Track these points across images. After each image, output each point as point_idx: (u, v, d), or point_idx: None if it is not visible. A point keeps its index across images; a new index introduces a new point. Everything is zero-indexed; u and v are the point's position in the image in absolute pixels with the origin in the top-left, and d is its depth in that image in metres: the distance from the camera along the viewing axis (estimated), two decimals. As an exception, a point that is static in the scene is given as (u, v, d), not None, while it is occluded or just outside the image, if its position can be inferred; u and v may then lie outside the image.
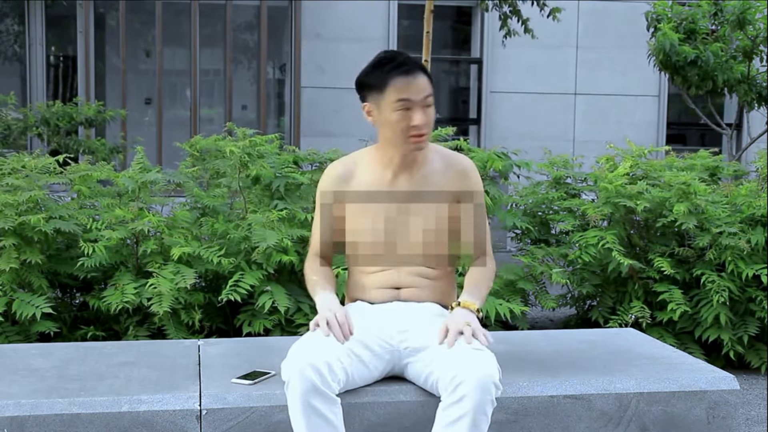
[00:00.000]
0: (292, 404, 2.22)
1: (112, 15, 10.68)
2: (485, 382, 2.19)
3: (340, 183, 2.58)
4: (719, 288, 4.47)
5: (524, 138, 10.46)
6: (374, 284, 2.58)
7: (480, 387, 2.18)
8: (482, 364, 2.22)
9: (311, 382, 2.18)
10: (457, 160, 2.61)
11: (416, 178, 2.55)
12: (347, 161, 2.64)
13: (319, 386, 2.18)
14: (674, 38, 7.33)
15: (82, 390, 2.40)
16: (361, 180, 2.57)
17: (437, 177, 2.56)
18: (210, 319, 4.33)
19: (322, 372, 2.19)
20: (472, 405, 2.18)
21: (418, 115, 2.44)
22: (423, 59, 6.38)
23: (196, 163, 5.09)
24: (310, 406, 2.19)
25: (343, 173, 2.59)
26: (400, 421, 2.41)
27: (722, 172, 5.52)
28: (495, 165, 4.85)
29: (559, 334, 3.21)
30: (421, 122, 2.44)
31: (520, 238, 5.16)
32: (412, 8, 10.41)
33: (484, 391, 2.19)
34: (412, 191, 2.54)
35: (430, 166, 2.57)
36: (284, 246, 4.21)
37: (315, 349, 2.24)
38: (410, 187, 2.55)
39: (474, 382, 2.18)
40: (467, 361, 2.23)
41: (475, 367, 2.20)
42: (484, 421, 2.21)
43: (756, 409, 4.09)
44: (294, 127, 10.25)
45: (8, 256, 4.04)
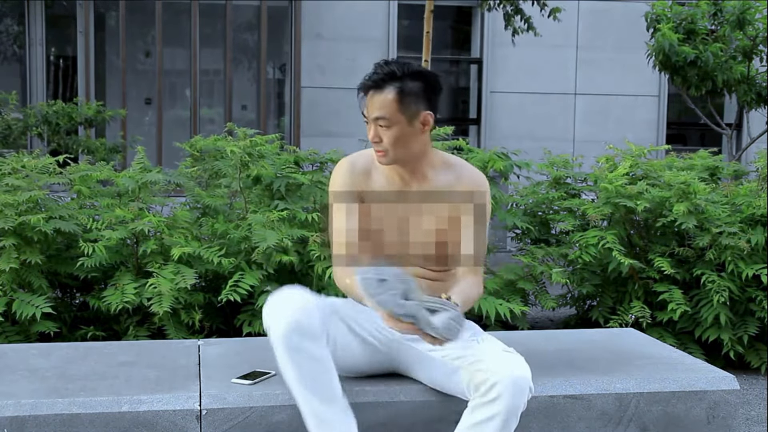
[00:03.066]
0: (278, 354, 2.23)
1: (112, 15, 10.68)
2: (521, 383, 2.20)
3: (361, 177, 2.55)
4: (719, 288, 4.47)
5: (524, 138, 10.45)
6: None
7: (516, 388, 2.19)
8: (517, 366, 2.22)
9: (294, 319, 2.20)
10: (469, 173, 2.58)
11: (425, 188, 2.54)
12: (364, 158, 2.59)
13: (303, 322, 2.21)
14: (673, 38, 7.33)
15: (82, 390, 2.40)
16: (378, 181, 2.56)
17: (447, 189, 2.54)
18: (210, 319, 4.33)
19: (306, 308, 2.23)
20: (506, 405, 2.18)
21: (371, 131, 2.45)
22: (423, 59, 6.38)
23: (196, 163, 5.08)
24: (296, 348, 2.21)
25: (364, 167, 2.56)
26: (400, 421, 2.41)
27: (722, 172, 5.52)
28: (495, 165, 4.85)
29: (559, 334, 3.21)
30: (370, 138, 2.45)
31: (520, 238, 5.16)
32: (412, 8, 10.41)
33: (520, 392, 2.19)
34: (420, 191, 2.53)
35: (442, 178, 2.55)
36: (284, 246, 4.21)
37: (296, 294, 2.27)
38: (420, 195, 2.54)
39: (509, 383, 2.18)
40: (502, 362, 2.23)
41: (511, 368, 2.21)
42: (514, 423, 2.22)
43: (756, 409, 4.09)
44: (294, 127, 10.24)
45: (8, 256, 4.04)
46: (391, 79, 2.42)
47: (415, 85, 2.44)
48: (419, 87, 2.44)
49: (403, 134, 2.44)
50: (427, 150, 2.54)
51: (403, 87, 2.42)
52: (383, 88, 2.42)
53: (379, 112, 2.42)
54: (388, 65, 2.45)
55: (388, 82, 2.42)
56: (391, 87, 2.42)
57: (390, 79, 2.42)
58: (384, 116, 2.42)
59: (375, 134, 2.45)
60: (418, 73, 2.46)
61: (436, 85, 2.49)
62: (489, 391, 2.20)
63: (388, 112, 2.42)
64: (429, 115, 2.47)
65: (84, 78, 9.96)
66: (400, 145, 2.45)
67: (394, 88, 2.42)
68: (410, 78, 2.43)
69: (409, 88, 2.43)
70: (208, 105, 10.98)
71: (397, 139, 2.44)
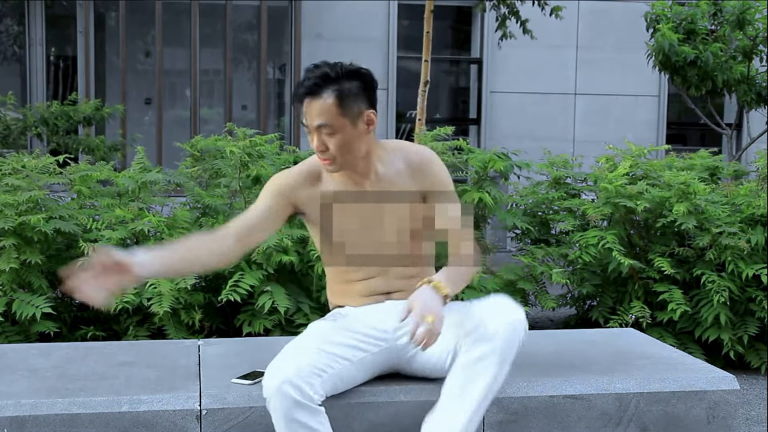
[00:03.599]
0: (276, 421, 2.21)
1: (112, 15, 10.68)
2: (514, 323, 2.23)
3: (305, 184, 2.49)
4: (719, 288, 4.47)
5: (524, 138, 10.45)
6: (363, 293, 2.52)
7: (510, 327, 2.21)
8: (510, 309, 2.25)
9: (292, 398, 2.16)
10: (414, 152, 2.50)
11: (381, 183, 2.46)
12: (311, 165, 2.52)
13: (301, 400, 2.17)
14: (673, 38, 7.33)
15: (82, 390, 2.40)
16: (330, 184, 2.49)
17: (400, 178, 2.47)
18: (210, 319, 4.33)
19: (301, 386, 2.17)
20: (501, 343, 2.19)
21: (314, 140, 2.35)
22: (423, 59, 6.38)
23: (196, 163, 5.08)
24: (295, 421, 2.18)
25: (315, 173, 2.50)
26: (400, 421, 2.41)
27: (722, 172, 5.52)
28: (495, 165, 4.85)
29: (559, 334, 3.21)
30: (315, 148, 2.35)
31: (520, 238, 5.15)
32: (412, 8, 10.41)
33: (514, 330, 2.21)
34: (380, 191, 2.46)
35: (393, 168, 2.48)
36: (284, 246, 4.21)
37: (291, 365, 2.20)
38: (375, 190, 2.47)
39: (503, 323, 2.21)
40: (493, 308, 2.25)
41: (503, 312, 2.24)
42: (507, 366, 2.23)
43: (756, 409, 4.09)
44: (294, 127, 10.24)
45: (8, 256, 4.04)
46: (326, 83, 2.31)
47: (353, 84, 2.34)
48: (357, 86, 2.34)
49: (349, 138, 2.34)
50: (373, 149, 2.44)
51: (341, 89, 2.31)
52: (320, 94, 2.30)
53: (321, 119, 2.31)
54: (318, 68, 2.34)
55: (323, 86, 2.30)
56: (329, 91, 2.30)
57: (325, 83, 2.31)
58: (327, 123, 2.31)
59: (320, 143, 2.34)
60: (353, 72, 2.35)
61: (373, 81, 2.39)
62: (483, 331, 2.21)
63: (330, 117, 2.31)
64: (372, 113, 2.37)
65: (84, 78, 9.96)
66: (347, 150, 2.35)
67: (332, 91, 2.30)
68: (346, 78, 2.33)
69: (347, 90, 2.32)
70: (208, 105, 10.98)
71: (344, 144, 2.34)
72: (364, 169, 2.45)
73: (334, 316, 2.53)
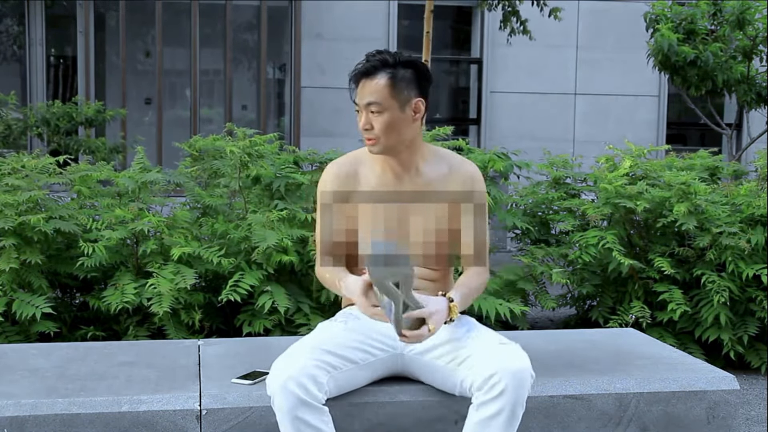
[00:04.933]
0: (280, 419, 2.21)
1: (112, 15, 10.68)
2: (522, 375, 2.22)
3: (344, 179, 2.55)
4: (719, 288, 4.47)
5: (524, 138, 10.45)
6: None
7: (517, 380, 2.21)
8: (515, 357, 2.24)
9: (296, 395, 2.17)
10: (461, 164, 2.59)
11: (418, 182, 2.53)
12: (350, 160, 2.60)
13: (305, 398, 2.18)
14: (673, 38, 7.33)
15: (82, 390, 2.40)
16: (364, 178, 2.55)
17: (441, 181, 2.54)
18: (210, 319, 4.33)
19: (305, 384, 2.18)
20: (511, 399, 2.20)
21: (362, 118, 2.46)
22: (423, 59, 6.38)
23: (196, 163, 5.08)
24: (298, 419, 2.19)
25: (347, 170, 2.57)
26: (400, 421, 2.41)
27: (722, 172, 5.52)
28: (495, 165, 4.85)
29: (559, 334, 3.21)
30: (361, 126, 2.46)
31: (520, 238, 5.16)
32: (412, 8, 10.41)
33: (522, 383, 2.22)
34: (415, 191, 2.52)
35: (434, 168, 2.55)
36: (284, 246, 4.21)
37: (298, 361, 2.22)
38: (413, 188, 2.53)
39: (511, 377, 2.20)
40: (500, 357, 2.25)
41: (510, 362, 2.23)
42: (520, 412, 2.24)
43: (756, 409, 4.09)
44: (294, 127, 10.24)
45: (8, 256, 4.04)
46: (383, 66, 2.44)
47: (407, 72, 2.46)
48: (411, 74, 2.46)
49: (395, 120, 2.45)
50: (418, 141, 2.54)
51: (395, 73, 2.44)
52: (375, 75, 2.44)
53: (371, 98, 2.43)
54: (380, 54, 2.47)
55: (380, 69, 2.44)
56: (383, 73, 2.44)
57: (382, 66, 2.44)
58: (376, 101, 2.43)
59: (366, 121, 2.45)
60: (410, 61, 2.48)
61: (428, 73, 2.51)
62: (492, 388, 2.21)
63: (380, 97, 2.43)
64: (420, 101, 2.47)
65: (84, 78, 9.96)
66: (391, 132, 2.45)
67: (386, 74, 2.43)
68: (402, 66, 2.46)
69: (401, 75, 2.44)
70: (208, 105, 10.98)
71: (389, 125, 2.44)
72: (406, 161, 2.53)
73: (345, 317, 2.54)
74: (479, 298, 4.41)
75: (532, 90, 10.86)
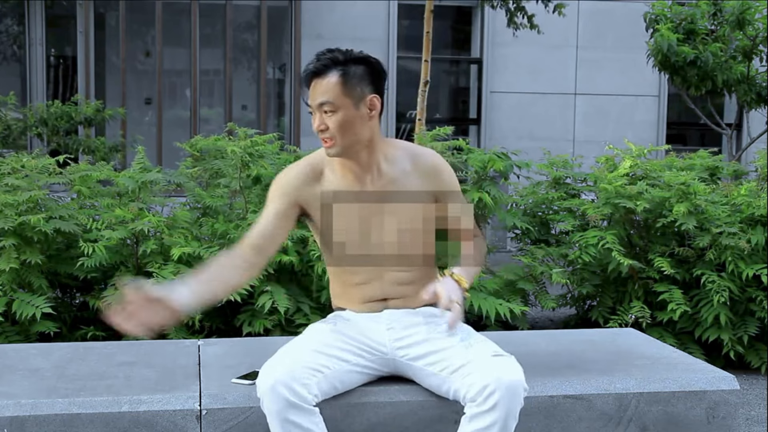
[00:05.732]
0: (270, 421, 2.21)
1: (112, 15, 10.68)
2: (515, 387, 2.19)
3: (307, 182, 2.48)
4: (719, 288, 4.47)
5: (524, 138, 10.45)
6: (362, 298, 2.51)
7: (510, 393, 2.18)
8: (508, 370, 2.21)
9: (284, 398, 2.16)
10: (424, 158, 2.51)
11: (382, 182, 2.46)
12: (313, 160, 2.52)
13: (294, 401, 2.17)
14: (672, 39, 7.33)
15: (82, 390, 2.40)
16: (330, 183, 2.48)
17: (406, 177, 2.47)
18: (210, 319, 4.33)
19: (293, 387, 2.17)
20: (503, 411, 2.18)
21: (315, 120, 2.39)
22: (423, 59, 6.38)
23: (196, 163, 5.08)
24: (288, 421, 2.18)
25: (316, 169, 2.49)
26: (400, 421, 2.41)
27: (722, 172, 5.52)
28: (495, 165, 4.85)
29: (559, 334, 3.21)
30: (315, 127, 2.39)
31: (520, 238, 5.15)
32: (412, 8, 10.41)
33: (515, 396, 2.19)
34: (385, 191, 2.46)
35: (396, 166, 2.48)
36: (284, 246, 4.21)
37: (284, 365, 2.21)
38: (378, 188, 2.46)
39: (504, 389, 2.18)
40: (494, 369, 2.21)
41: (504, 374, 2.20)
42: (512, 424, 2.22)
43: (756, 409, 4.09)
44: (294, 127, 10.25)
45: (8, 256, 4.04)
46: (334, 65, 2.36)
47: (359, 68, 2.38)
48: (363, 70, 2.39)
49: (350, 119, 2.36)
50: (377, 139, 2.44)
51: (347, 70, 2.36)
52: (326, 74, 2.36)
53: (323, 97, 2.36)
54: (330, 52, 2.40)
55: (330, 67, 2.36)
56: (334, 71, 2.36)
57: (333, 65, 2.36)
58: (328, 100, 2.35)
59: (320, 122, 2.38)
60: (361, 57, 2.40)
61: (381, 68, 2.43)
62: (485, 401, 2.19)
63: (332, 95, 2.35)
64: (375, 98, 2.40)
65: (84, 78, 9.96)
66: (347, 131, 2.37)
67: (336, 71, 2.36)
68: (353, 62, 2.38)
69: (352, 72, 2.37)
70: (208, 105, 10.98)
71: (344, 124, 2.36)
72: (366, 163, 2.45)
73: (335, 319, 2.52)
74: (480, 297, 4.41)
75: (532, 90, 10.87)
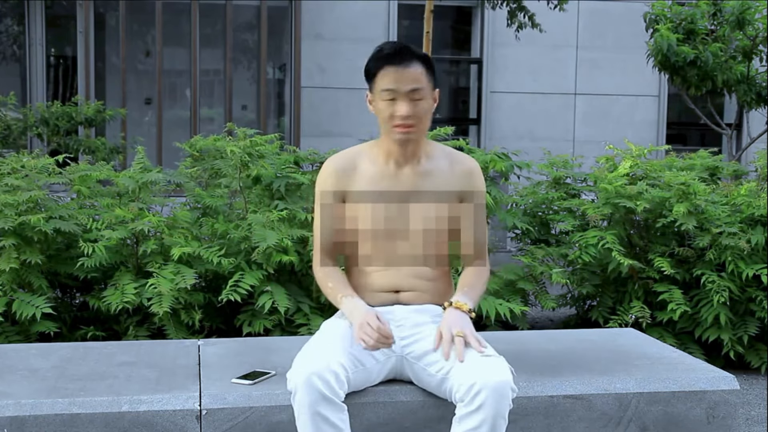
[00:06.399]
0: (299, 414, 2.20)
1: (112, 15, 10.68)
2: (502, 388, 2.19)
3: (342, 176, 2.54)
4: (719, 288, 4.47)
5: (524, 138, 10.45)
6: (374, 286, 2.55)
7: (497, 394, 2.18)
8: (496, 371, 2.22)
9: (319, 391, 2.17)
10: (461, 159, 2.60)
11: (419, 172, 2.53)
12: (348, 154, 2.60)
13: (327, 394, 2.17)
14: (672, 39, 7.33)
15: (82, 390, 2.40)
16: (364, 171, 2.54)
17: (441, 174, 2.54)
18: (210, 319, 4.33)
19: (329, 380, 2.18)
20: (491, 412, 2.18)
21: (403, 106, 2.43)
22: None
23: (196, 163, 5.08)
24: (319, 414, 2.18)
25: (344, 165, 2.56)
26: (400, 421, 2.41)
27: (722, 172, 5.52)
28: (496, 166, 4.86)
29: (559, 334, 3.21)
30: (405, 113, 2.43)
31: (520, 238, 5.16)
32: (412, 8, 10.41)
33: (502, 397, 2.19)
34: (414, 191, 2.52)
35: (435, 163, 2.55)
36: (284, 246, 4.21)
37: (320, 358, 2.23)
38: (413, 179, 2.52)
39: (491, 390, 2.18)
40: (481, 369, 2.22)
41: (490, 375, 2.20)
42: (502, 425, 2.22)
43: (756, 409, 4.09)
44: (294, 127, 10.24)
45: (8, 256, 4.04)
46: (411, 55, 2.45)
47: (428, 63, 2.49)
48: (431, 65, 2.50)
49: (429, 108, 2.49)
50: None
51: (426, 62, 2.46)
52: (410, 62, 2.44)
53: (415, 84, 2.43)
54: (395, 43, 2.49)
55: (409, 57, 2.44)
56: (417, 61, 2.44)
57: (410, 54, 2.45)
58: (420, 87, 2.43)
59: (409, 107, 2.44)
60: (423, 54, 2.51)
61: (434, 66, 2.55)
62: (471, 401, 2.20)
63: (422, 83, 2.44)
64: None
65: (84, 78, 9.95)
66: (426, 119, 2.49)
67: (419, 62, 2.45)
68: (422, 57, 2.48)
69: (428, 65, 2.48)
70: (208, 105, 10.98)
71: (426, 112, 2.48)
72: (412, 153, 2.53)
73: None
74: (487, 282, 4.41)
75: (532, 90, 10.87)
